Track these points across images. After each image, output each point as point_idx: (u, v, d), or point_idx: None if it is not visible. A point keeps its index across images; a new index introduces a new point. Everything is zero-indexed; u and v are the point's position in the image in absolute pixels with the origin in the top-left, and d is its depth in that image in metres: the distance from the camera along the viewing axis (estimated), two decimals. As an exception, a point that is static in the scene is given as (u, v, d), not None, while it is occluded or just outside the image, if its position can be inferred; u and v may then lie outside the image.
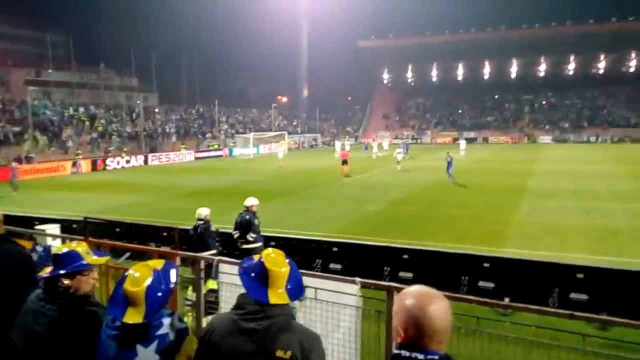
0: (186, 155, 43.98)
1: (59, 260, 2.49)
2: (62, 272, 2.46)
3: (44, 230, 7.97)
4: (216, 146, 50.01)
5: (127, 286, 2.14)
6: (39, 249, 4.65)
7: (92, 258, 2.57)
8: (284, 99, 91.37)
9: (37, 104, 41.61)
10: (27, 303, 2.54)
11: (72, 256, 2.52)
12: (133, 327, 2.14)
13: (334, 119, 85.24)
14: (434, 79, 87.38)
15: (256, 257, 2.17)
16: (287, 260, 2.15)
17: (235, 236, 8.99)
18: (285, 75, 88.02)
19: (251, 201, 9.12)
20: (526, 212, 15.79)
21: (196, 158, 44.46)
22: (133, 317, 2.11)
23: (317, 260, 9.39)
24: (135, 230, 11.19)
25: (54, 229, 9.25)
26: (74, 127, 41.86)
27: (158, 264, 2.30)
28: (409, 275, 8.51)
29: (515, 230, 13.30)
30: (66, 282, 2.47)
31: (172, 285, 2.24)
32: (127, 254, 9.33)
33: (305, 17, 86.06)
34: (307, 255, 9.58)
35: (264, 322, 1.99)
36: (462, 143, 44.79)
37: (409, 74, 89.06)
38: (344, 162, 27.61)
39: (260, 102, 74.82)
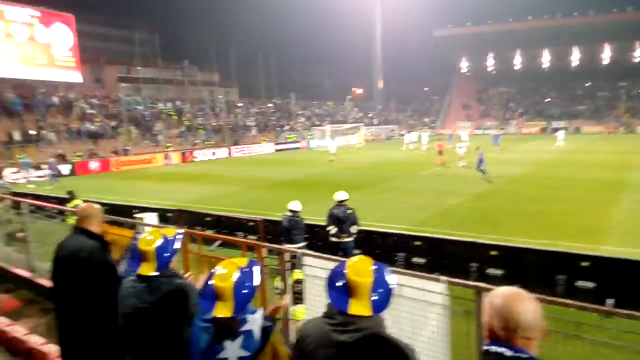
0: (266, 148, 45.32)
1: (165, 248, 2.68)
2: (172, 257, 2.70)
3: (142, 219, 8.59)
4: (294, 138, 51.01)
5: (216, 281, 2.24)
6: (139, 237, 4.96)
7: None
8: (360, 91, 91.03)
9: (129, 100, 44.75)
10: (124, 292, 2.74)
11: (169, 240, 2.73)
12: (223, 322, 2.25)
13: (410, 110, 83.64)
14: (517, 67, 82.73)
15: (353, 260, 2.11)
16: (374, 269, 2.04)
17: (333, 232, 8.86)
18: (361, 66, 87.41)
19: (345, 195, 9.13)
20: (629, 207, 14.54)
21: (276, 150, 45.65)
22: (222, 311, 2.21)
23: (400, 255, 9.29)
24: (223, 220, 11.74)
25: (153, 217, 9.94)
26: (163, 121, 44.59)
27: (243, 262, 2.39)
28: (499, 272, 8.18)
29: (616, 226, 12.31)
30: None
31: (257, 283, 2.32)
32: (218, 243, 9.83)
33: (379, 7, 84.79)
34: (389, 249, 9.52)
35: (356, 335, 1.94)
36: (561, 133, 41.43)
37: (490, 62, 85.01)
38: (440, 152, 28.21)
39: (336, 95, 75.16)
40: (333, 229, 8.85)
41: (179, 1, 67.16)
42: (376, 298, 1.98)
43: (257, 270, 2.35)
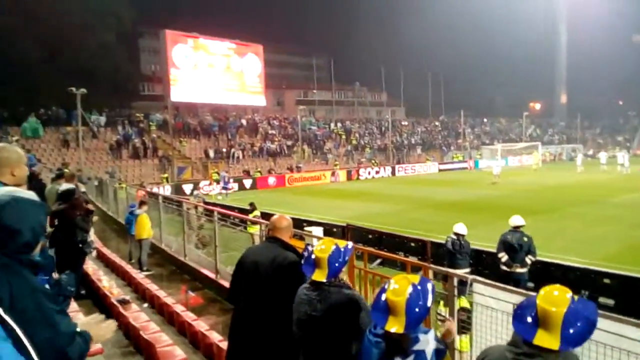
0: (430, 167, 44.45)
1: (336, 257, 2.80)
2: (342, 267, 2.83)
3: (310, 232, 9.11)
4: (460, 158, 49.10)
5: (389, 295, 2.21)
6: (310, 248, 5.25)
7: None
8: (537, 106, 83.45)
9: (304, 120, 48.21)
10: (297, 298, 2.93)
11: (340, 250, 2.85)
12: (394, 338, 2.20)
13: (599, 127, 73.73)
14: None
15: (547, 287, 1.93)
16: (570, 298, 1.83)
17: (504, 259, 8.25)
18: (539, 79, 79.93)
19: (521, 220, 8.41)
20: None
21: (440, 170, 44.49)
22: (394, 325, 2.17)
23: (583, 292, 8.13)
24: (385, 238, 11.76)
25: (319, 231, 10.47)
26: (333, 140, 47.01)
27: (415, 278, 2.32)
28: None
29: None
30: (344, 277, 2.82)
31: (429, 303, 2.24)
32: (379, 260, 9.89)
33: (564, 13, 76.80)
34: (570, 285, 8.27)
35: None
36: None
37: None
38: None
39: (509, 111, 70.15)
40: (504, 257, 8.18)
41: (351, 28, 70.75)
42: (569, 331, 1.77)
43: (430, 288, 2.28)
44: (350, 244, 2.97)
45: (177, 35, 39.90)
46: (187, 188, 29.38)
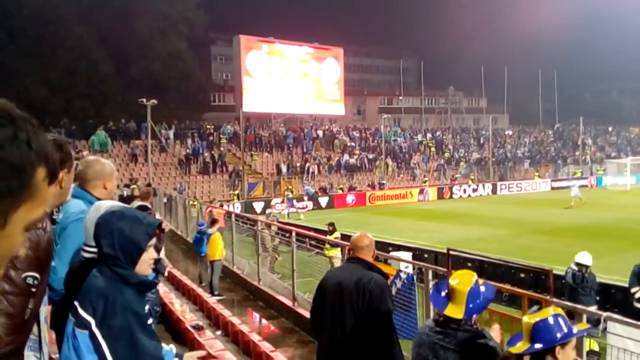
0: (540, 184, 42.46)
1: (477, 294, 2.65)
2: (483, 309, 2.82)
3: (399, 257, 9.03)
4: (579, 174, 46.34)
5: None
6: (403, 275, 5.25)
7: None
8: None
9: (388, 131, 48.01)
10: (421, 336, 2.85)
11: (479, 286, 2.71)
12: None
13: None
14: None
15: None
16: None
17: (638, 294, 7.88)
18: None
19: None
20: None
21: (553, 188, 42.30)
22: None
23: None
24: (487, 267, 11.38)
25: (407, 256, 10.35)
26: (421, 153, 46.40)
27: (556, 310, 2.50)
28: None
29: None
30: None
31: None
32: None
33: None
34: None
35: None
36: None
37: None
38: None
39: (642, 118, 65.43)
40: (638, 292, 7.74)
41: (443, 24, 69.60)
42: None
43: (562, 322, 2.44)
44: (492, 289, 2.84)
45: (251, 41, 41.62)
46: (258, 206, 30.22)
